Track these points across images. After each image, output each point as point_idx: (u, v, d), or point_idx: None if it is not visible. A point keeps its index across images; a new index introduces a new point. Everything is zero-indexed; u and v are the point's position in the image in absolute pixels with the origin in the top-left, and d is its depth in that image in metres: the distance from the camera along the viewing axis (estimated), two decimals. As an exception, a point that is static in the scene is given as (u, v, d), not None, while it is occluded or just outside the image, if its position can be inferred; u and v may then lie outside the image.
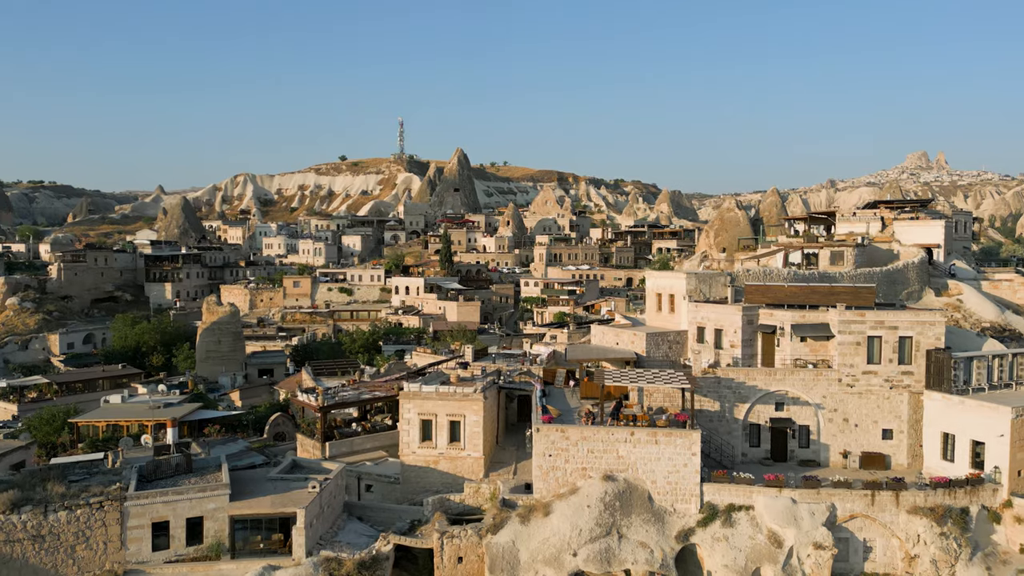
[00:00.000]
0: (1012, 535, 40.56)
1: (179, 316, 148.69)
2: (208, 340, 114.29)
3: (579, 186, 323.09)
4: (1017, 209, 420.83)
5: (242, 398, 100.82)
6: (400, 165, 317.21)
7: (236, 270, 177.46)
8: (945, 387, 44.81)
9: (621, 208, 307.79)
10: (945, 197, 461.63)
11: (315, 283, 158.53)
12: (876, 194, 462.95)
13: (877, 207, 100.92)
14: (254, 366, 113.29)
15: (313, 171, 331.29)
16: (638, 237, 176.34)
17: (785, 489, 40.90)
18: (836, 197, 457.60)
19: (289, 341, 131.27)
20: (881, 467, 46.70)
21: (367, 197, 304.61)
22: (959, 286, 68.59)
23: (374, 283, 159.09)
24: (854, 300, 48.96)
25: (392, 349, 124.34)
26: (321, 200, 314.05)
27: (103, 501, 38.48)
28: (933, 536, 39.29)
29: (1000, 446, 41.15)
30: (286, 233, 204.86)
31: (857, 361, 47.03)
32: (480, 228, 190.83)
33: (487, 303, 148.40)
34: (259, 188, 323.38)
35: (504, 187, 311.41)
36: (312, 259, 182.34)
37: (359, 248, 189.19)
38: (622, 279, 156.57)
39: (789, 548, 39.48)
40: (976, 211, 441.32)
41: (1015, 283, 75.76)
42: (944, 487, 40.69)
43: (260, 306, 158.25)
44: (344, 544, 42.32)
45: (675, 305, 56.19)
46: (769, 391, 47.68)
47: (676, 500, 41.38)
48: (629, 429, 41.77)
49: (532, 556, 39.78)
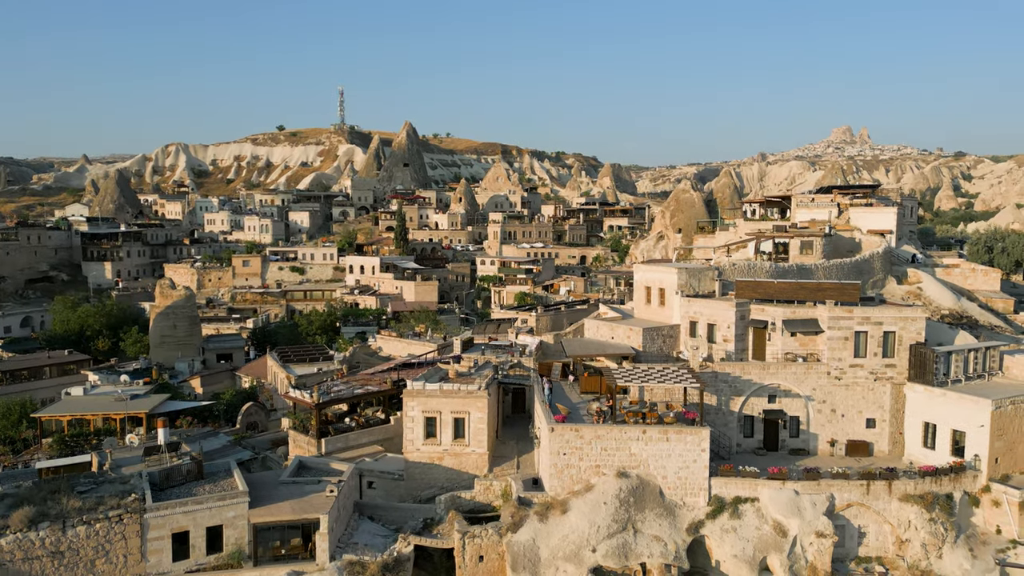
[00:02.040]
0: (989, 517, 44.00)
1: (122, 297, 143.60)
2: (163, 325, 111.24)
3: (523, 159, 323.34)
4: (936, 183, 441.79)
5: (203, 385, 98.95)
6: (341, 136, 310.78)
7: (179, 248, 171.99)
8: (927, 379, 47.84)
9: (564, 182, 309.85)
10: (868, 171, 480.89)
11: (265, 262, 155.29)
12: (805, 167, 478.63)
13: (831, 192, 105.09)
14: (212, 351, 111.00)
15: (250, 141, 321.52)
16: (590, 215, 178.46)
17: (788, 481, 43.25)
18: (768, 171, 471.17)
19: (244, 323, 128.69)
20: (865, 454, 49.67)
21: (307, 169, 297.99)
22: (918, 274, 72.44)
23: (327, 262, 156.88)
24: (840, 296, 51.46)
25: (352, 331, 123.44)
26: (259, 171, 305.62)
27: (122, 514, 37.84)
28: (923, 522, 42.32)
29: (980, 436, 44.38)
30: (229, 208, 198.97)
31: (845, 355, 49.65)
32: (432, 204, 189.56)
33: (443, 282, 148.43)
34: (192, 158, 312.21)
35: (448, 160, 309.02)
36: (259, 236, 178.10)
37: (307, 225, 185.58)
38: (576, 257, 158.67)
39: (793, 537, 41.91)
40: (897, 184, 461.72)
41: (964, 269, 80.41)
42: (932, 475, 43.74)
43: (208, 286, 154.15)
44: (362, 546, 42.73)
45: (665, 298, 57.80)
46: (763, 384, 49.91)
47: (686, 494, 43.25)
48: (641, 427, 43.27)
49: (552, 553, 41.09)
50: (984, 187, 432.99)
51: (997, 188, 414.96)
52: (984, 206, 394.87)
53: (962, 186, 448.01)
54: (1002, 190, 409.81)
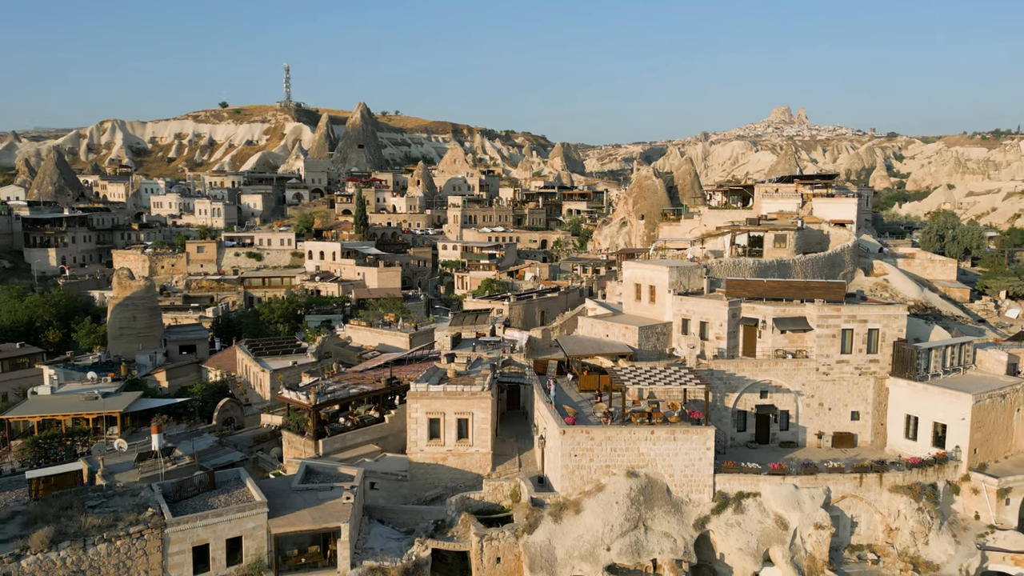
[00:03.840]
0: (969, 504, 47.08)
1: (69, 285, 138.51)
2: (122, 316, 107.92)
3: (474, 139, 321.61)
4: (870, 164, 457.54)
5: (169, 379, 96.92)
6: (287, 114, 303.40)
7: (127, 233, 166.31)
8: (909, 374, 50.56)
9: (516, 161, 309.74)
10: (807, 152, 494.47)
11: (221, 248, 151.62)
12: (747, 148, 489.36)
13: (793, 182, 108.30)
14: (174, 342, 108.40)
15: (191, 118, 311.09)
16: (548, 198, 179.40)
17: (788, 476, 45.36)
18: (711, 150, 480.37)
19: (204, 312, 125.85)
20: (850, 445, 52.36)
21: (253, 148, 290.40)
22: (884, 266, 75.79)
23: (284, 247, 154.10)
24: (827, 294, 53.72)
25: (317, 319, 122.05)
26: (202, 150, 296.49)
27: (143, 530, 37.38)
28: (912, 511, 45.03)
29: (961, 428, 47.29)
30: (177, 191, 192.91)
31: (832, 351, 52.02)
32: (388, 187, 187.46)
33: (405, 267, 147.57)
34: (130, 136, 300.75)
35: (398, 138, 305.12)
36: (210, 220, 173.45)
37: (260, 208, 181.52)
38: (537, 241, 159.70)
39: (794, 530, 44.10)
40: (833, 165, 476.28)
41: (922, 259, 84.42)
42: (918, 467, 46.47)
43: (161, 273, 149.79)
44: (378, 550, 43.15)
45: (655, 296, 59.25)
46: (756, 381, 51.95)
47: (691, 491, 44.96)
48: (649, 428, 44.68)
49: (568, 553, 42.31)
50: (915, 167, 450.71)
51: (927, 168, 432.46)
52: (915, 186, 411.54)
53: (894, 166, 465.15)
54: (932, 170, 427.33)
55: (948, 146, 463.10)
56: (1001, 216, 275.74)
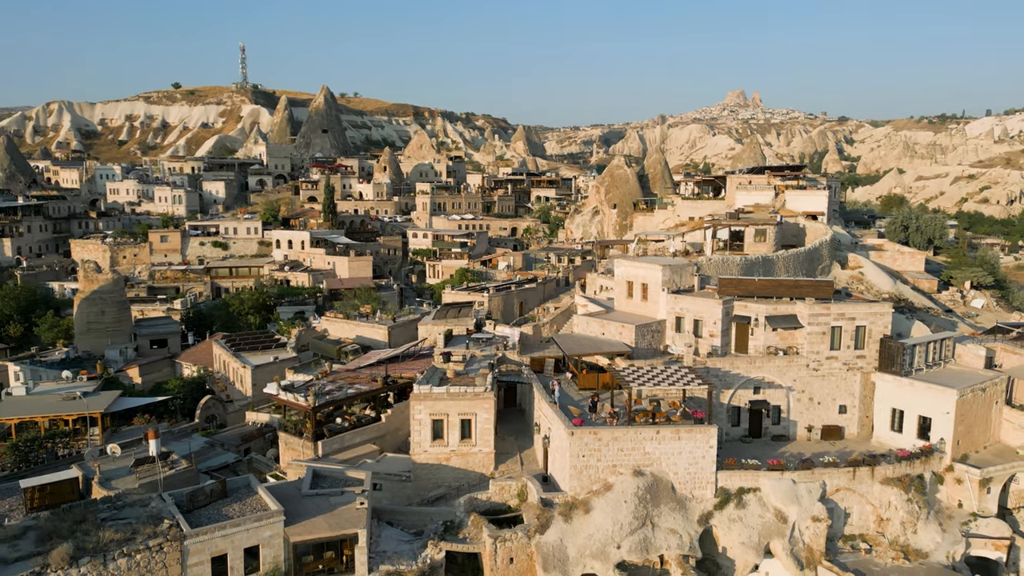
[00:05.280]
0: (952, 493, 49.54)
1: (27, 277, 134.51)
2: (89, 311, 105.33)
3: (435, 121, 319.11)
4: (822, 147, 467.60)
5: (142, 375, 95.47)
6: (244, 96, 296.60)
7: (85, 222, 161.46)
8: (895, 369, 52.73)
9: (478, 145, 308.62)
10: (761, 135, 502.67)
11: (185, 237, 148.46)
12: (704, 131, 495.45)
13: (764, 173, 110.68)
14: (144, 337, 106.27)
15: (142, 99, 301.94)
16: (517, 185, 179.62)
17: (786, 472, 47.10)
18: (669, 133, 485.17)
19: (172, 304, 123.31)
20: (838, 437, 54.47)
21: (208, 131, 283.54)
22: (858, 259, 78.35)
23: (251, 236, 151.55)
24: (816, 292, 55.48)
25: (289, 311, 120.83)
26: (154, 133, 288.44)
27: (162, 543, 37.18)
28: (902, 502, 47.23)
29: (946, 421, 49.63)
30: (135, 177, 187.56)
31: (822, 348, 53.89)
32: (354, 173, 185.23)
33: (375, 256, 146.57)
34: (79, 118, 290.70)
35: (358, 121, 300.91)
36: (171, 208, 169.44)
37: (223, 195, 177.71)
38: (507, 229, 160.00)
39: (793, 523, 45.91)
40: (788, 148, 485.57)
41: (892, 251, 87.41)
42: (907, 459, 48.68)
43: (123, 263, 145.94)
44: (390, 553, 43.65)
45: (648, 293, 60.41)
46: (750, 377, 53.57)
47: (695, 488, 46.40)
48: (655, 428, 45.88)
49: (580, 552, 43.40)
50: (865, 151, 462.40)
51: (877, 152, 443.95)
52: (866, 169, 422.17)
53: (845, 150, 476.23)
54: (881, 154, 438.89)
55: (896, 130, 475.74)
56: (949, 200, 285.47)
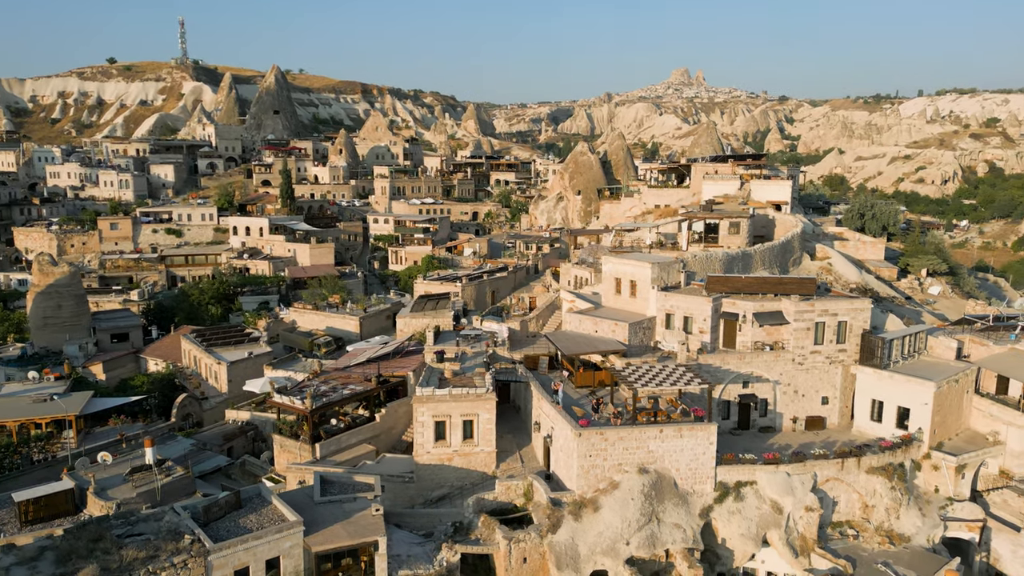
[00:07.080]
0: (929, 480, 52.68)
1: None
2: (45, 305, 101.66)
3: (384, 99, 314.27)
4: (764, 127, 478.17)
5: (106, 371, 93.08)
6: (185, 72, 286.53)
7: (28, 208, 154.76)
8: (875, 363, 55.49)
9: (428, 124, 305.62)
10: (706, 113, 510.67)
11: (136, 224, 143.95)
12: (651, 110, 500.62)
13: (727, 162, 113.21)
14: (104, 331, 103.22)
15: (75, 75, 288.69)
16: (476, 168, 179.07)
17: (781, 465, 49.35)
18: (616, 112, 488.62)
19: (128, 295, 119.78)
20: (820, 428, 57.15)
21: (147, 108, 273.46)
22: (826, 250, 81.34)
23: (206, 223, 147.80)
24: (800, 289, 57.73)
25: (253, 301, 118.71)
26: (89, 111, 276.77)
27: (187, 559, 37.01)
28: (886, 490, 50.06)
29: (924, 412, 52.59)
30: (77, 159, 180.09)
31: (807, 343, 56.26)
32: (309, 156, 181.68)
33: (336, 242, 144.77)
34: (7, 94, 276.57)
35: (305, 99, 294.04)
36: (118, 192, 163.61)
37: (172, 179, 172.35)
38: (468, 213, 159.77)
39: (788, 513, 48.25)
40: (731, 127, 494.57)
41: (854, 241, 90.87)
42: (889, 449, 51.51)
43: (71, 252, 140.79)
44: (405, 557, 44.31)
45: (636, 290, 61.81)
46: (740, 372, 55.62)
47: (695, 483, 48.23)
48: (658, 427, 47.44)
49: (591, 549, 44.82)
50: (804, 130, 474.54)
51: (816, 131, 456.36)
52: (806, 149, 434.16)
53: (786, 129, 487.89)
54: (820, 133, 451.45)
55: (834, 109, 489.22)
56: (886, 180, 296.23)
